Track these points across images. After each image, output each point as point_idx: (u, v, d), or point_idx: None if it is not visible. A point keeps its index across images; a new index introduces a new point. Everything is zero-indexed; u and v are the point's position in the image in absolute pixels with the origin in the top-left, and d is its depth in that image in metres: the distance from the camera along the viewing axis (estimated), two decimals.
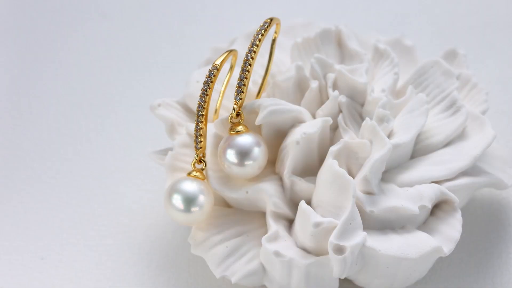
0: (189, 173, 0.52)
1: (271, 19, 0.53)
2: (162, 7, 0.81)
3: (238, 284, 0.52)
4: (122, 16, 0.80)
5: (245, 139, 0.52)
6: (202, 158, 0.52)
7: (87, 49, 0.77)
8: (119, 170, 0.65)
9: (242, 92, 0.52)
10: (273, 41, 0.56)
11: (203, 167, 0.52)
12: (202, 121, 0.51)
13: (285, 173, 0.52)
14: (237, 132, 0.52)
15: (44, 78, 0.74)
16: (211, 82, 0.51)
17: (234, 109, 0.52)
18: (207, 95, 0.51)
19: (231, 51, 0.53)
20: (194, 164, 0.52)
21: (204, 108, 0.51)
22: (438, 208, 0.52)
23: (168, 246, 0.58)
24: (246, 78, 0.52)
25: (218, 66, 0.52)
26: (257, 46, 0.52)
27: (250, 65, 0.52)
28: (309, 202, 0.52)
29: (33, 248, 0.59)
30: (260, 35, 0.52)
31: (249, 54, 0.52)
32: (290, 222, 0.53)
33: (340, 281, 0.52)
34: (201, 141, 0.52)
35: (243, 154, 0.51)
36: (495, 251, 0.56)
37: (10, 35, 0.79)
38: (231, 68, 0.54)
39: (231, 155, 0.51)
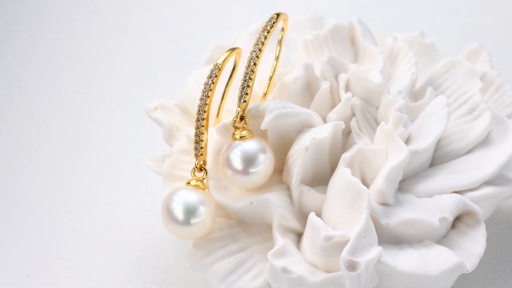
0: (188, 182, 0.52)
1: (278, 14, 0.53)
2: (160, 2, 0.81)
3: None
4: (118, 11, 0.80)
5: (249, 145, 0.51)
6: (203, 166, 0.52)
7: (81, 46, 0.77)
8: (113, 178, 0.65)
9: (247, 94, 0.52)
10: (280, 38, 0.56)
11: (204, 176, 0.52)
12: (202, 126, 0.51)
13: (293, 182, 0.52)
14: (240, 137, 0.52)
15: (34, 80, 0.74)
16: (213, 83, 0.51)
17: (237, 112, 0.52)
18: (208, 97, 0.51)
19: (234, 49, 0.53)
20: (194, 172, 0.52)
21: (205, 111, 0.51)
22: (460, 220, 0.52)
23: (165, 261, 0.58)
24: (250, 78, 0.51)
25: (220, 66, 0.52)
26: (262, 43, 0.52)
27: (255, 64, 0.51)
28: (319, 214, 0.52)
29: (19, 264, 0.59)
30: (266, 31, 0.52)
31: (254, 53, 0.52)
32: (298, 236, 0.53)
33: None
34: (201, 148, 0.52)
35: (248, 162, 0.51)
36: None
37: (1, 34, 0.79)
38: (235, 67, 0.54)
39: (234, 163, 0.51)
